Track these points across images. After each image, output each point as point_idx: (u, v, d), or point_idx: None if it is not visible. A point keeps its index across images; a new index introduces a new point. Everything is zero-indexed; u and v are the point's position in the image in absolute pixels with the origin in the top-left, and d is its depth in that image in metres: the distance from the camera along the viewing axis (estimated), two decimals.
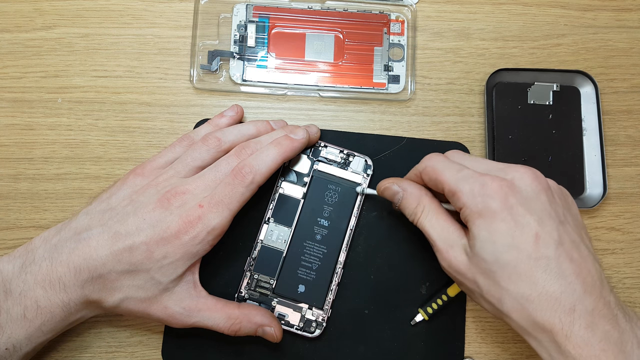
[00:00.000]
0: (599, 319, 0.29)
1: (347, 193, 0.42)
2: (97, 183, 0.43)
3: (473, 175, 0.33)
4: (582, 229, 0.34)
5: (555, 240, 0.31)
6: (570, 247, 0.31)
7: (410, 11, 0.46)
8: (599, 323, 0.29)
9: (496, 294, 0.31)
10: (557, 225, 0.31)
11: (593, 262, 0.32)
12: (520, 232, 0.31)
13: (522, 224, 0.31)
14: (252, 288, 0.40)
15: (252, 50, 0.45)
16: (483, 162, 0.35)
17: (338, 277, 0.41)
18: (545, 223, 0.31)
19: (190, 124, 0.44)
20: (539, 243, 0.30)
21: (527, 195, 0.32)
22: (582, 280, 0.30)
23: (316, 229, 0.41)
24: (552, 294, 0.30)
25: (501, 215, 0.31)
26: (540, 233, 0.31)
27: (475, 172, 0.33)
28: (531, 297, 0.30)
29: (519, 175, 0.33)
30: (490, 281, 0.32)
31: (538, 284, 0.30)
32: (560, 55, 0.46)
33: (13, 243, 0.42)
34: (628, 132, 0.46)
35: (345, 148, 0.43)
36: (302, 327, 0.40)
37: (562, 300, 0.30)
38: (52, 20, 0.45)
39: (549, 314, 0.30)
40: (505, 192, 0.32)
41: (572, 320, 0.29)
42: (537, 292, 0.30)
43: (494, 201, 0.32)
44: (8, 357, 0.34)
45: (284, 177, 0.42)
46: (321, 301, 0.40)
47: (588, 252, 0.32)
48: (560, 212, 0.33)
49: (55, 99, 0.44)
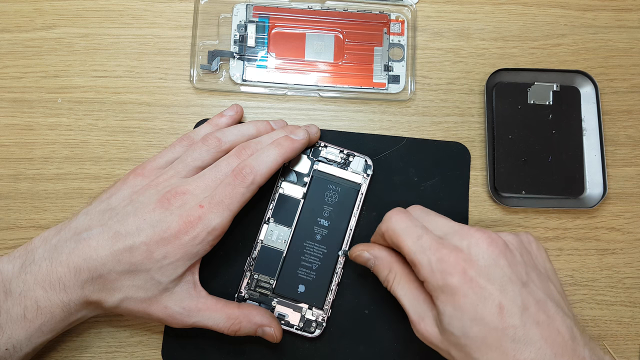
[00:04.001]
0: None
1: (347, 193, 0.42)
2: (97, 183, 0.43)
3: (431, 247, 0.32)
4: (549, 280, 0.33)
5: (520, 306, 0.30)
6: (536, 310, 0.31)
7: (410, 11, 0.46)
8: None
9: None
10: (519, 289, 0.31)
11: (562, 318, 0.31)
12: (483, 305, 0.30)
13: (484, 296, 0.30)
14: (252, 288, 0.41)
15: (252, 50, 0.45)
16: (441, 222, 0.35)
17: (338, 277, 0.41)
18: (508, 290, 0.31)
19: (190, 124, 0.44)
20: (503, 313, 0.30)
21: (485, 263, 0.31)
22: (551, 343, 0.30)
23: (316, 229, 0.41)
24: None
25: (462, 290, 0.31)
26: (503, 302, 0.30)
27: (433, 241, 0.33)
28: None
29: (474, 241, 0.32)
30: (462, 353, 0.31)
31: (508, 354, 0.30)
32: (560, 55, 0.46)
33: (13, 243, 0.42)
34: (628, 132, 0.46)
35: (345, 148, 0.43)
36: (302, 327, 0.40)
37: None
38: (52, 20, 0.45)
39: None
40: (462, 266, 0.31)
41: None
42: None
43: (453, 277, 0.31)
44: (8, 357, 0.34)
45: (284, 177, 0.42)
46: (321, 301, 0.40)
47: (556, 308, 0.31)
48: (522, 272, 0.32)
49: (55, 99, 0.44)
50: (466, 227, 0.33)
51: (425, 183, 0.43)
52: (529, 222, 0.44)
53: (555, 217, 0.44)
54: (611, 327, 0.43)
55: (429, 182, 0.43)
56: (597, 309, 0.43)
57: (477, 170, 0.44)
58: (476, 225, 0.43)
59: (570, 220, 0.44)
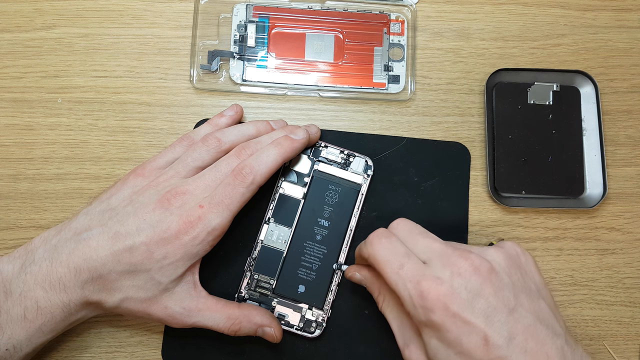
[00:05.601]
0: None
1: (347, 193, 0.42)
2: (97, 183, 0.43)
3: (412, 279, 0.32)
4: (539, 297, 0.33)
5: (506, 337, 0.30)
6: (523, 337, 0.30)
7: (410, 11, 0.46)
8: None
9: None
10: (506, 317, 0.30)
11: (552, 340, 0.30)
12: (468, 339, 0.30)
13: (468, 330, 0.30)
14: (252, 288, 0.41)
15: (252, 50, 0.45)
16: (424, 243, 0.34)
17: (338, 277, 0.41)
18: (493, 321, 0.30)
19: (190, 124, 0.44)
20: (489, 345, 0.30)
21: (468, 296, 0.31)
22: None
23: (316, 229, 0.41)
24: None
25: (445, 326, 0.30)
26: (488, 334, 0.30)
27: (415, 271, 0.32)
28: None
29: (457, 271, 0.31)
30: None
31: None
32: (560, 55, 0.46)
33: (13, 243, 0.42)
34: (628, 132, 0.46)
35: (345, 148, 0.43)
36: (302, 327, 0.40)
37: None
38: (52, 20, 0.45)
39: None
40: (444, 302, 0.30)
41: None
42: None
43: (435, 314, 0.30)
44: (8, 357, 0.34)
45: (285, 177, 0.42)
46: (321, 301, 0.40)
47: (546, 331, 0.31)
48: (509, 297, 0.31)
49: (55, 99, 0.44)
50: (450, 250, 0.33)
51: (425, 183, 0.43)
52: (529, 222, 0.44)
53: (555, 217, 0.44)
54: (611, 327, 0.43)
55: (429, 182, 0.43)
56: (597, 309, 0.43)
57: (477, 170, 0.44)
58: (475, 225, 0.43)
59: (570, 220, 0.44)
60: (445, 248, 0.33)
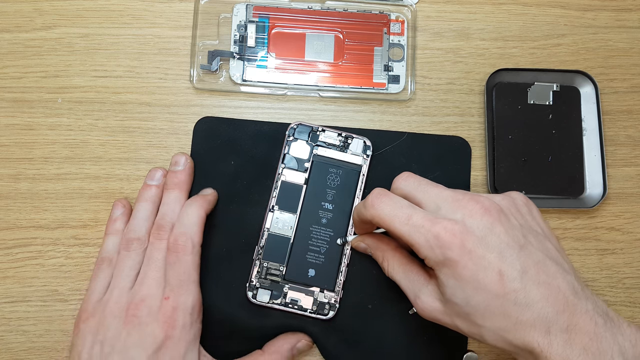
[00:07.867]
0: (575, 334, 0.30)
1: (348, 175, 0.42)
2: (97, 183, 0.43)
3: (424, 224, 0.33)
4: (546, 239, 0.34)
5: (519, 270, 0.31)
6: (535, 271, 0.31)
7: (410, 11, 0.46)
8: (575, 338, 0.30)
9: (476, 331, 0.32)
10: (518, 253, 0.32)
11: (563, 275, 0.32)
12: (484, 274, 0.31)
13: (483, 265, 0.31)
14: (262, 276, 0.41)
15: (252, 50, 0.45)
16: (434, 192, 0.35)
17: (347, 258, 0.41)
18: (506, 256, 0.31)
19: (190, 124, 0.44)
20: (503, 279, 0.31)
21: (481, 234, 0.32)
22: (552, 301, 0.30)
23: (321, 213, 0.42)
24: (526, 322, 0.30)
25: (462, 262, 0.31)
26: (503, 269, 0.31)
27: (425, 219, 0.33)
28: (507, 328, 0.31)
29: (468, 212, 0.33)
30: (467, 322, 0.32)
31: (511, 316, 0.31)
32: (560, 55, 0.46)
33: (13, 243, 0.42)
34: (628, 132, 0.46)
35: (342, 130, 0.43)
36: (315, 310, 0.40)
37: (536, 325, 0.30)
38: (52, 20, 0.45)
39: (527, 339, 0.30)
40: (460, 239, 0.32)
41: (550, 341, 0.30)
42: (512, 323, 0.31)
43: (452, 251, 0.32)
44: None
45: (285, 164, 0.42)
46: (332, 283, 0.41)
47: (556, 266, 0.32)
48: (519, 235, 0.32)
49: (55, 99, 0.44)
50: (460, 196, 0.34)
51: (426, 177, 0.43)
52: None
53: (555, 217, 0.44)
54: None
55: (431, 176, 0.43)
56: None
57: (477, 170, 0.44)
58: None
59: (570, 220, 0.44)
60: (455, 194, 0.34)
